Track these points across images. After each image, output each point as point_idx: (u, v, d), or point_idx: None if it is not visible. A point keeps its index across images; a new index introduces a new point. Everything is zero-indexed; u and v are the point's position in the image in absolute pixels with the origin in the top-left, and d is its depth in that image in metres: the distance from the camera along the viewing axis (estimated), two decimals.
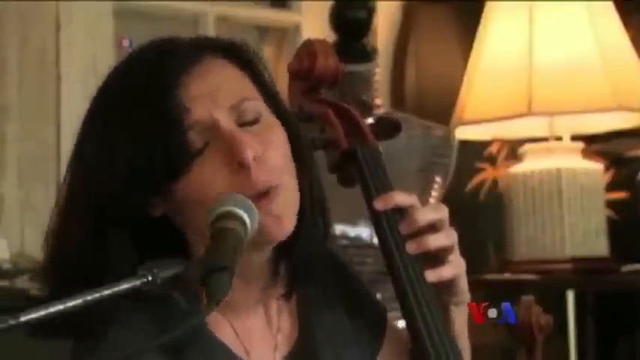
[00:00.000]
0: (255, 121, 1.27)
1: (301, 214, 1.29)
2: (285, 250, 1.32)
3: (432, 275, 1.34)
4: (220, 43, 1.34)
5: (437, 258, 1.34)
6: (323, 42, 1.46)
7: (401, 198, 1.35)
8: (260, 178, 1.23)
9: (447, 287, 1.36)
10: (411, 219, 1.33)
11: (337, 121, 1.42)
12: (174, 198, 1.25)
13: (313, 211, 1.34)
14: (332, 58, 1.45)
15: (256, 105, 1.29)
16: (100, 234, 1.25)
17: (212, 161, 1.24)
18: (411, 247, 1.33)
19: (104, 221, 1.25)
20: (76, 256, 1.26)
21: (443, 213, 1.34)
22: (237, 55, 1.33)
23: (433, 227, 1.33)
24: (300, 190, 1.30)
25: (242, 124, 1.27)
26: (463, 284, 1.37)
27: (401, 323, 1.43)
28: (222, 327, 1.30)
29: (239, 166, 1.23)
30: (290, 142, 1.31)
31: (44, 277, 1.28)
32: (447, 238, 1.34)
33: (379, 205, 1.35)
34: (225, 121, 1.25)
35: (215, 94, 1.26)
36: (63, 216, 1.29)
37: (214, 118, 1.25)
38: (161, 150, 1.23)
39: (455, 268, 1.35)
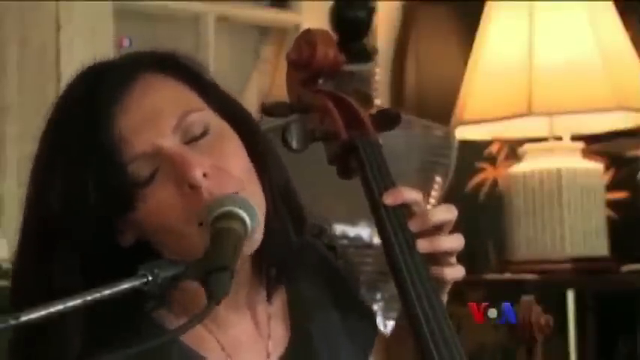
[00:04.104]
0: (203, 134, 1.24)
1: (267, 215, 1.26)
2: (258, 255, 1.28)
3: (436, 272, 1.31)
4: (154, 57, 1.29)
5: (439, 259, 1.32)
6: (323, 32, 1.43)
7: (408, 194, 1.32)
8: (214, 192, 1.20)
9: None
10: (424, 217, 1.30)
11: (337, 111, 1.39)
12: (142, 227, 1.23)
13: (278, 210, 1.29)
14: (332, 48, 1.42)
15: (202, 116, 1.25)
16: (47, 261, 1.24)
17: (164, 186, 1.21)
18: (423, 246, 1.29)
19: (53, 252, 1.24)
20: (26, 284, 1.27)
21: (454, 214, 1.31)
22: (174, 66, 1.29)
23: (441, 228, 1.30)
24: (264, 192, 1.27)
25: (190, 140, 1.23)
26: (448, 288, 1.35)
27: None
28: (206, 342, 1.28)
29: (190, 187, 1.20)
30: (247, 146, 1.27)
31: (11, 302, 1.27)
32: (457, 241, 1.31)
33: (389, 200, 1.31)
34: (170, 144, 1.22)
35: (155, 118, 1.23)
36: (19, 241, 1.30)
37: (157, 146, 1.21)
38: (98, 187, 1.20)
39: (458, 271, 1.33)
